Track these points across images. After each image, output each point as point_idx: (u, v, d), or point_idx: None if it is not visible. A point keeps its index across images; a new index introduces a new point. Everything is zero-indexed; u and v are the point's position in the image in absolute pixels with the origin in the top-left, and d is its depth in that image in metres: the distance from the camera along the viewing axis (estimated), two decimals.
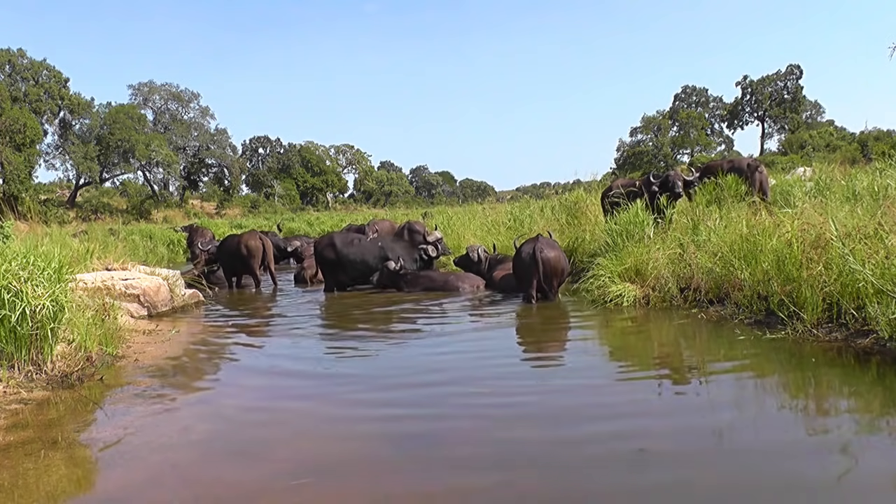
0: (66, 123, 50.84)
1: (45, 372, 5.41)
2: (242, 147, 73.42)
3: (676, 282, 7.91)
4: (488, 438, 4.00)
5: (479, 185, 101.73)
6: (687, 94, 71.28)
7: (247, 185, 70.61)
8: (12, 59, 46.04)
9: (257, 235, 13.27)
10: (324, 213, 53.67)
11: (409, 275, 11.03)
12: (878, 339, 5.14)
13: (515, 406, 4.60)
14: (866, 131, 49.37)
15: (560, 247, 9.24)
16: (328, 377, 5.77)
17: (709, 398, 4.65)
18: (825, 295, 5.85)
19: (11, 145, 40.51)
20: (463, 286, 10.52)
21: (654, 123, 68.04)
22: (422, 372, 5.65)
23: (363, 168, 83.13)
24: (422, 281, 10.91)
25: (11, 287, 5.25)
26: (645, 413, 4.32)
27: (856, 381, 4.71)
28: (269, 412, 4.83)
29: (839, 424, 3.92)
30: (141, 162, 53.27)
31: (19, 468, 3.72)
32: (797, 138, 56.41)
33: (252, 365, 6.43)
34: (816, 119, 67.29)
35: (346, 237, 11.94)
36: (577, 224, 12.99)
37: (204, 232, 19.36)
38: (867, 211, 7.43)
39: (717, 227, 8.44)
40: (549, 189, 44.14)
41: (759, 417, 4.14)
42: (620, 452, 3.64)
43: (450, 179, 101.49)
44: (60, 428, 4.43)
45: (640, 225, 9.16)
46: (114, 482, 3.59)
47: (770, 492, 3.09)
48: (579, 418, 4.30)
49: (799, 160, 36.79)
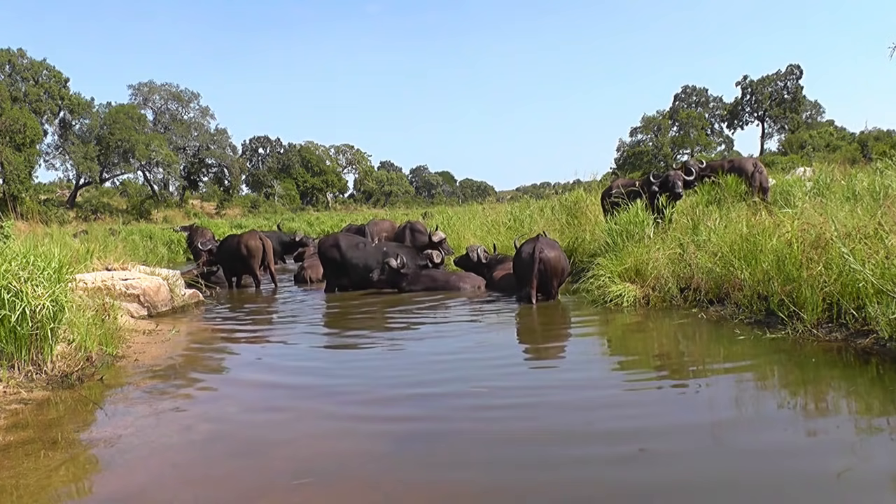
0: (66, 123, 50.84)
1: (45, 372, 5.41)
2: (242, 147, 73.50)
3: (676, 282, 7.91)
4: (488, 438, 4.00)
5: (479, 185, 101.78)
6: (687, 94, 71.28)
7: (247, 185, 70.65)
8: (12, 59, 46.04)
9: (257, 235, 13.27)
10: (324, 213, 53.70)
11: (410, 274, 11.02)
12: (878, 339, 5.14)
13: (515, 406, 4.60)
14: (866, 131, 49.38)
15: (560, 247, 9.24)
16: (329, 377, 5.77)
17: (709, 398, 4.64)
18: (825, 295, 5.85)
19: (11, 145, 40.52)
20: (464, 286, 10.52)
21: (654, 123, 68.03)
22: (422, 372, 5.65)
23: (363, 168, 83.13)
24: (423, 280, 10.90)
25: (11, 287, 5.25)
26: (645, 413, 4.31)
27: (856, 380, 4.70)
28: (269, 412, 4.82)
29: (839, 424, 3.91)
30: (141, 162, 53.28)
31: (19, 468, 3.72)
32: (797, 138, 56.41)
33: (252, 365, 6.43)
34: (816, 119, 67.27)
35: (351, 240, 11.87)
36: (577, 224, 12.99)
37: (203, 232, 19.35)
38: (867, 211, 7.44)
39: (717, 227, 8.44)
40: (549, 189, 44.09)
41: (759, 417, 4.14)
42: (621, 452, 3.64)
43: (450, 179, 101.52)
44: (60, 428, 4.43)
45: (640, 225, 9.16)
46: (114, 482, 3.59)
47: (770, 491, 3.09)
48: (579, 418, 4.30)
49: (799, 160, 36.77)
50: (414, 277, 10.98)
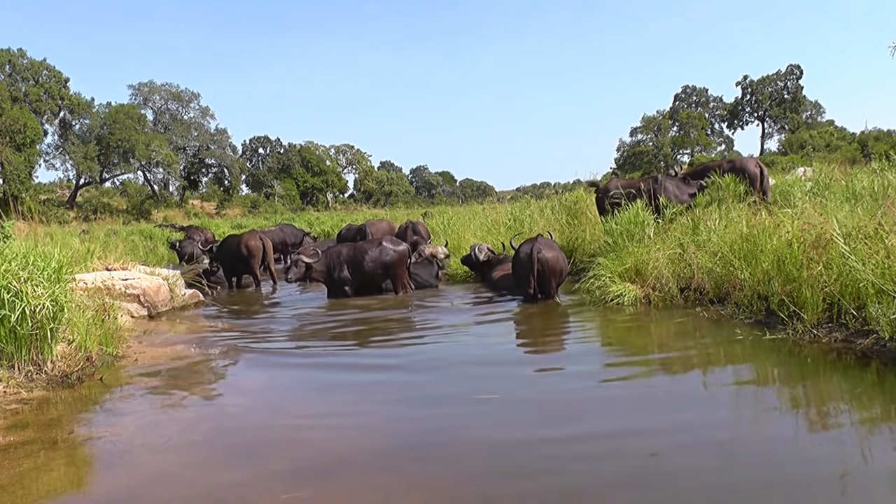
0: (66, 123, 50.85)
1: (45, 372, 5.41)
2: (242, 147, 73.49)
3: (677, 282, 7.91)
4: (488, 438, 3.99)
5: (479, 185, 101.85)
6: (687, 94, 71.29)
7: (247, 185, 70.65)
8: (12, 59, 46.06)
9: (257, 235, 13.28)
10: (324, 213, 53.69)
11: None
12: (879, 339, 5.14)
13: (515, 407, 4.60)
14: (866, 131, 49.38)
15: (559, 247, 9.23)
16: (329, 377, 5.77)
17: (708, 397, 4.64)
18: (825, 295, 5.84)
19: (11, 145, 40.54)
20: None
21: (654, 123, 68.02)
22: (422, 372, 5.65)
23: (363, 168, 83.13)
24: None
25: (11, 287, 5.24)
26: (645, 413, 4.31)
27: (856, 380, 4.70)
28: (269, 413, 4.82)
29: (839, 424, 3.91)
30: (141, 162, 53.28)
31: (19, 468, 3.72)
32: (797, 138, 56.42)
33: (253, 365, 6.43)
34: (816, 119, 67.25)
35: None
36: (577, 224, 12.99)
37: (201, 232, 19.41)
38: (867, 211, 7.43)
39: (717, 227, 8.44)
40: (549, 189, 44.14)
41: (759, 417, 4.14)
42: (620, 453, 3.64)
43: (450, 179, 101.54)
44: (60, 428, 4.43)
45: (640, 225, 9.16)
46: (114, 482, 3.59)
47: (770, 491, 3.09)
48: (580, 419, 4.30)
49: (799, 160, 36.78)
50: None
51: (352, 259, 10.58)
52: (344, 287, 10.55)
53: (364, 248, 10.68)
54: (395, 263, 10.51)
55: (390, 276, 10.59)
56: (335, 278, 10.58)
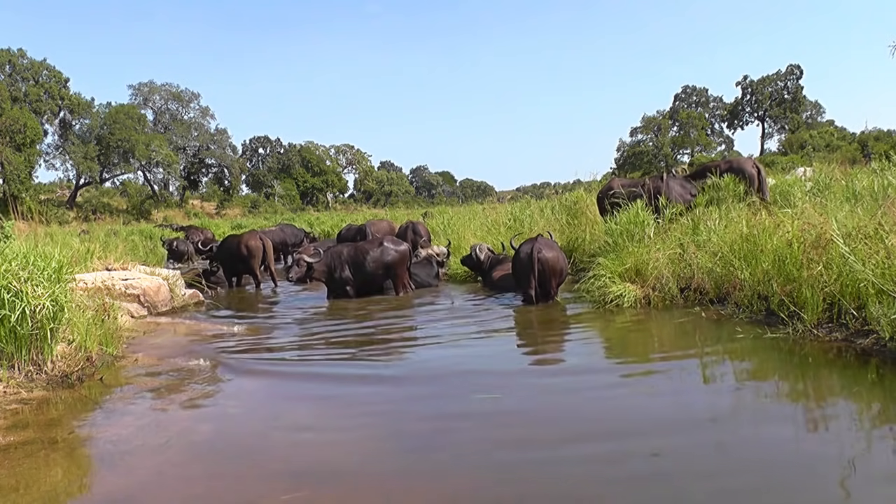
0: (66, 123, 50.88)
1: (45, 372, 5.41)
2: (242, 147, 73.55)
3: (677, 282, 7.91)
4: (487, 438, 3.99)
5: (479, 185, 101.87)
6: (687, 94, 71.30)
7: (247, 185, 70.70)
8: (12, 59, 46.09)
9: (257, 235, 13.29)
10: (324, 213, 53.70)
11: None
12: (879, 339, 5.14)
13: (515, 407, 4.60)
14: (866, 131, 49.44)
15: (559, 247, 9.23)
16: (329, 378, 5.76)
17: (709, 397, 4.64)
18: (825, 295, 5.84)
19: (11, 145, 40.57)
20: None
21: (655, 123, 68.04)
22: (422, 372, 5.65)
23: (363, 168, 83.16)
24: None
25: (11, 287, 5.24)
26: (646, 414, 4.31)
27: (856, 380, 4.70)
28: (269, 413, 4.82)
29: (840, 424, 3.91)
30: (141, 162, 53.31)
31: (19, 468, 3.72)
32: (797, 138, 56.42)
33: (253, 365, 6.42)
34: (816, 119, 67.26)
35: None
36: (577, 224, 12.98)
37: (201, 233, 19.41)
38: (867, 211, 7.42)
39: (717, 227, 8.44)
40: (549, 189, 44.10)
41: (759, 417, 4.13)
42: (621, 453, 3.64)
43: (450, 179, 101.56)
44: (60, 428, 4.43)
45: (640, 225, 9.16)
46: (114, 482, 3.59)
47: (770, 491, 3.09)
48: (580, 418, 4.30)
49: (799, 160, 36.78)
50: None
51: (353, 259, 10.58)
52: (345, 287, 10.55)
53: (365, 248, 10.68)
54: (396, 263, 10.51)
55: (391, 276, 10.59)
56: (336, 278, 10.58)
